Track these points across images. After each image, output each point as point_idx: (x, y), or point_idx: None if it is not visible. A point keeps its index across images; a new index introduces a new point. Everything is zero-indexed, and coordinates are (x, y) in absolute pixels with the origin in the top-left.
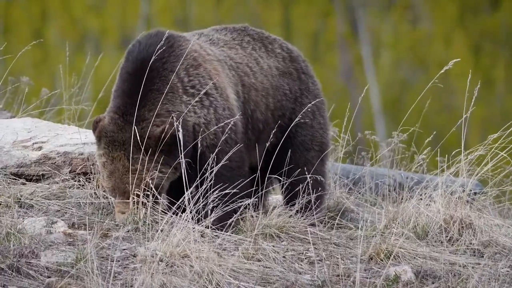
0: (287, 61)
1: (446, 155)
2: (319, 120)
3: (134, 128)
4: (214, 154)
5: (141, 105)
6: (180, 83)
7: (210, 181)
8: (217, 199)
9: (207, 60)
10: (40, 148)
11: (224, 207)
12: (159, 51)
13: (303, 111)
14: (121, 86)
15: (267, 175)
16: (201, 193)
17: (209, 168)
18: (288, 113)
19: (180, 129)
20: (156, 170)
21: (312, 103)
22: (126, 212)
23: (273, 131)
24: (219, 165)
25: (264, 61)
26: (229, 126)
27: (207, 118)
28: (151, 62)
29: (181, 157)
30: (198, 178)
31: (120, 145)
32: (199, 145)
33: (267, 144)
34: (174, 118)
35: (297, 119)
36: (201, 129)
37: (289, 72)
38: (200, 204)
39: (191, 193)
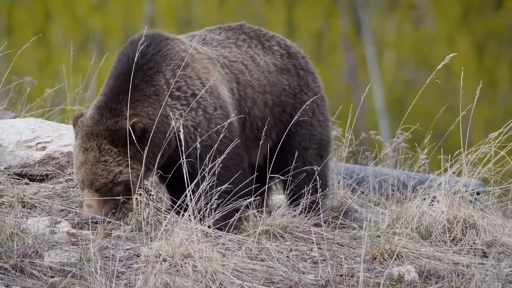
0: (285, 57)
1: (449, 155)
2: (318, 117)
3: (108, 121)
4: (210, 154)
5: (122, 103)
6: (166, 85)
7: (209, 181)
8: (217, 199)
9: (196, 60)
10: (43, 148)
11: (225, 206)
12: (146, 50)
13: (302, 109)
14: (107, 84)
15: (268, 174)
16: (201, 193)
17: (207, 169)
18: (288, 109)
19: (181, 129)
20: (126, 165)
21: (311, 100)
22: (93, 206)
23: (274, 128)
24: (217, 164)
25: (261, 58)
26: (223, 125)
27: (196, 121)
28: (136, 61)
29: (183, 158)
30: (197, 178)
31: (94, 136)
32: (192, 148)
33: (269, 143)
34: (150, 122)
35: (296, 117)
36: (191, 132)
37: (287, 68)
38: (201, 204)
39: (192, 193)
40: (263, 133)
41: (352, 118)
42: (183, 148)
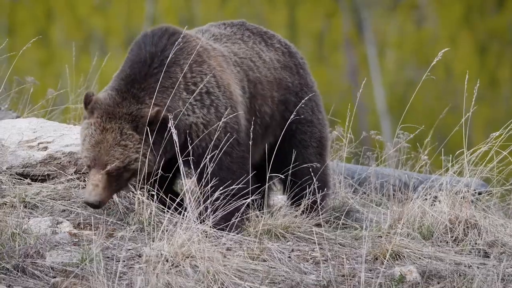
0: (286, 55)
1: (451, 155)
2: (317, 115)
3: (131, 105)
4: (216, 154)
5: (144, 91)
6: (183, 78)
7: (212, 182)
8: (220, 201)
9: (212, 56)
10: (45, 148)
11: (227, 208)
12: (159, 40)
13: (300, 104)
14: (123, 70)
15: (269, 174)
16: (204, 195)
17: (210, 170)
18: (291, 107)
19: (174, 129)
20: (143, 153)
21: (308, 97)
22: (99, 186)
23: (279, 125)
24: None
25: (266, 54)
26: (232, 126)
27: (206, 118)
28: (149, 49)
29: (179, 159)
30: (201, 179)
31: (115, 118)
32: (197, 145)
33: (272, 140)
34: (169, 115)
35: (292, 116)
36: (200, 129)
37: (289, 66)
38: (203, 206)
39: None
40: (269, 130)
41: (350, 117)
42: (188, 145)
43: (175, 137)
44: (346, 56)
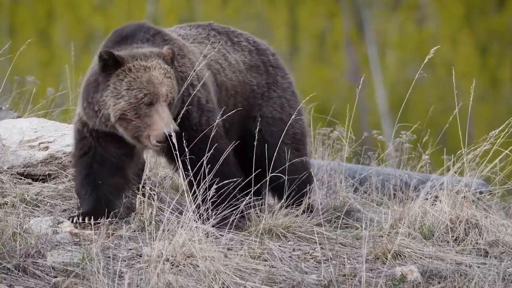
0: (254, 54)
1: (452, 155)
2: (288, 111)
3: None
4: (203, 148)
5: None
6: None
7: (194, 170)
8: (215, 193)
9: (190, 52)
10: (46, 148)
11: (223, 202)
12: (140, 27)
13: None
14: (113, 40)
15: (263, 178)
16: (193, 187)
17: (201, 163)
18: (254, 112)
19: (173, 133)
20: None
21: (278, 93)
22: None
23: (240, 128)
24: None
25: (232, 56)
26: (213, 119)
27: (189, 110)
28: (149, 38)
29: (177, 160)
30: (187, 171)
31: (148, 56)
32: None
33: (238, 144)
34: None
35: (258, 115)
36: (184, 121)
37: (256, 65)
38: (200, 201)
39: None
40: (230, 134)
41: (350, 116)
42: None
43: (183, 139)
44: (347, 56)
